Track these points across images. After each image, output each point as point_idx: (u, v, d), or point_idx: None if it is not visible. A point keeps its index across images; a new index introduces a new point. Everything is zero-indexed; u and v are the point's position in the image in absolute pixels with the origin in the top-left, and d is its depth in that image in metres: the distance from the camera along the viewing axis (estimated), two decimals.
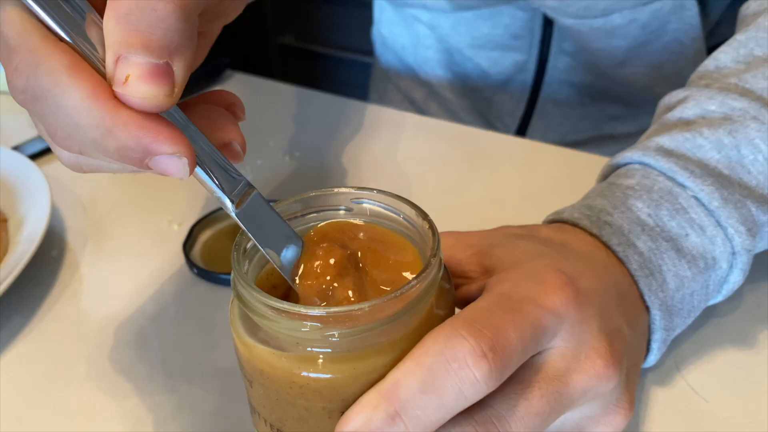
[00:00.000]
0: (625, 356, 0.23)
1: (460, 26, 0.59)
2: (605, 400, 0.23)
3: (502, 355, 0.19)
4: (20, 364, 0.32)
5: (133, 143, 0.18)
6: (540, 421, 0.21)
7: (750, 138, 0.29)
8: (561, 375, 0.21)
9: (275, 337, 0.20)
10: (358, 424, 0.19)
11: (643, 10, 0.48)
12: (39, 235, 0.37)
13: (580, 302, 0.22)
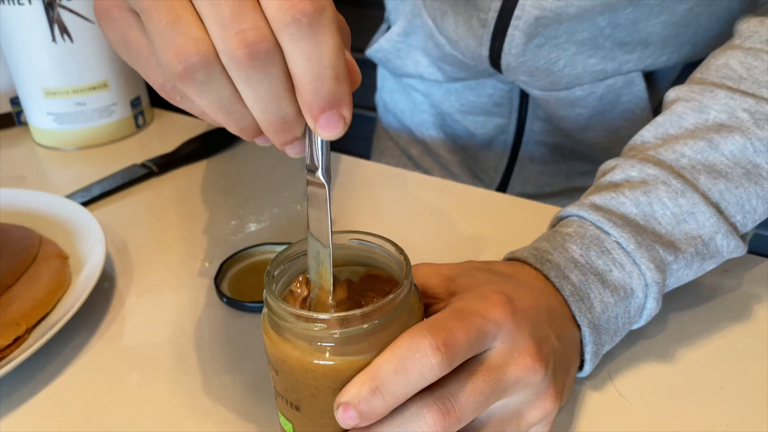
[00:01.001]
0: (551, 357, 0.31)
1: (450, 95, 0.68)
2: (536, 389, 0.31)
3: (452, 349, 0.27)
4: (82, 377, 0.40)
5: (342, 93, 0.24)
6: (483, 399, 0.28)
7: (660, 198, 0.38)
8: (499, 366, 0.29)
9: (294, 335, 0.28)
10: (351, 395, 0.27)
11: (599, 84, 0.57)
12: (97, 271, 0.45)
13: (515, 316, 0.30)
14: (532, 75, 0.56)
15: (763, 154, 0.39)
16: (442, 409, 0.28)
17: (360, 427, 0.28)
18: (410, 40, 0.65)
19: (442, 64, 0.64)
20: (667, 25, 0.53)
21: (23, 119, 0.75)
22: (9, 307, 0.42)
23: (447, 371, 0.27)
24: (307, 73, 0.23)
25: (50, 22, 0.63)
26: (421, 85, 0.70)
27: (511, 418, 0.31)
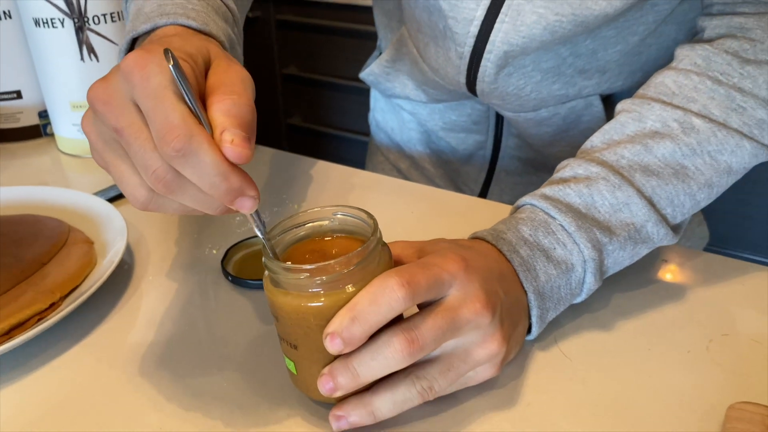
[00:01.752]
0: (498, 307, 0.38)
1: (434, 114, 0.76)
2: (483, 332, 0.37)
3: (414, 287, 0.34)
4: (107, 337, 0.47)
5: (237, 185, 0.32)
6: (440, 333, 0.35)
7: (600, 190, 0.45)
8: (454, 308, 0.36)
9: (287, 285, 0.35)
10: (335, 326, 0.34)
11: (562, 106, 0.64)
12: (120, 252, 0.52)
13: (468, 270, 0.37)
14: (504, 99, 0.63)
15: (689, 157, 0.46)
16: (408, 338, 0.35)
17: (344, 353, 0.34)
18: (397, 65, 0.73)
19: (426, 88, 0.72)
20: (622, 54, 0.61)
21: (49, 131, 0.83)
22: (45, 280, 0.49)
23: (410, 305, 0.34)
24: (205, 185, 0.32)
25: (79, 44, 0.71)
26: (409, 106, 0.78)
27: (461, 355, 0.37)
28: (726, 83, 0.47)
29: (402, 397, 0.37)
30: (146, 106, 0.32)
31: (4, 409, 0.41)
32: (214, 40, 0.42)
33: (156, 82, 0.32)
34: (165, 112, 0.31)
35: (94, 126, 0.35)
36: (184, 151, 0.31)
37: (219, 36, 0.42)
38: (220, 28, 0.44)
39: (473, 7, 0.56)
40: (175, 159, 0.31)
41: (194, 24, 0.41)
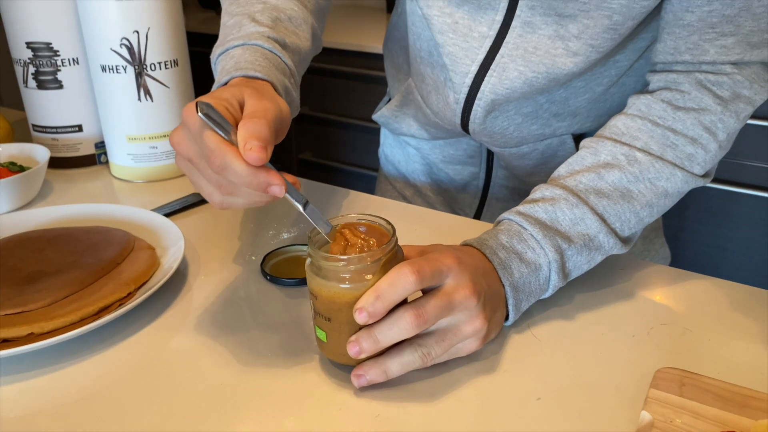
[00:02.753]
0: (482, 294, 0.50)
1: (436, 149, 0.89)
2: (470, 312, 0.49)
3: (422, 274, 0.46)
4: (171, 322, 0.59)
5: (264, 179, 0.45)
6: (439, 311, 0.47)
7: (562, 208, 0.57)
8: (450, 293, 0.48)
9: (327, 271, 0.47)
10: (363, 302, 0.46)
11: (540, 143, 0.77)
12: (180, 254, 0.64)
13: (460, 265, 0.49)
14: (491, 137, 0.76)
15: (633, 183, 0.59)
16: (416, 313, 0.47)
17: (369, 324, 0.47)
18: (404, 110, 0.86)
19: (428, 128, 0.85)
20: (590, 102, 0.74)
21: (103, 159, 0.96)
22: (121, 275, 0.61)
23: (419, 288, 0.46)
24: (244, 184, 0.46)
25: (138, 87, 0.85)
26: (414, 142, 0.91)
27: (452, 329, 0.49)
28: (662, 125, 0.60)
29: (407, 359, 0.48)
30: (198, 141, 0.47)
31: (90, 375, 0.53)
32: (269, 84, 0.57)
33: (197, 126, 0.47)
34: (206, 144, 0.46)
35: (178, 157, 0.51)
36: (222, 167, 0.46)
37: (275, 83, 0.57)
38: (277, 79, 0.59)
39: (469, 63, 0.69)
40: (220, 173, 0.46)
41: (258, 74, 0.56)
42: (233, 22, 0.65)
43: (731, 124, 0.60)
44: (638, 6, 0.59)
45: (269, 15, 0.65)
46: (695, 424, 0.44)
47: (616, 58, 0.70)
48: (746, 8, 0.56)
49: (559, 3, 0.61)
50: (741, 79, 0.59)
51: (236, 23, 0.65)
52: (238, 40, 0.62)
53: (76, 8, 0.87)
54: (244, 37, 0.62)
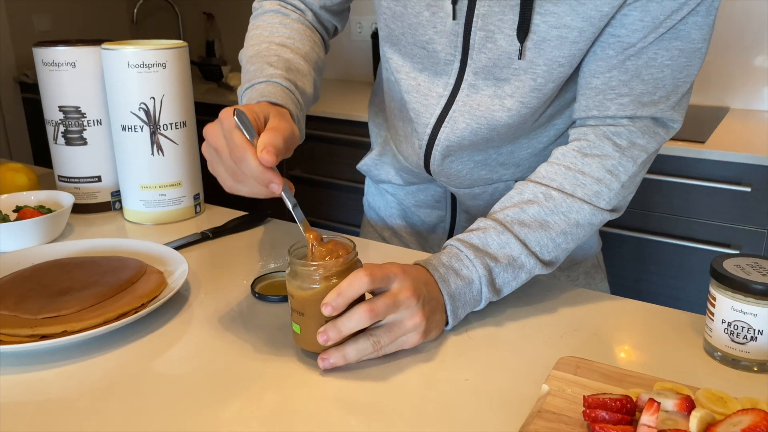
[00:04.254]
0: (422, 297, 0.63)
1: (409, 195, 1.04)
2: (412, 310, 0.63)
3: (373, 277, 0.60)
4: (175, 329, 0.72)
5: (268, 177, 0.61)
6: (387, 307, 0.61)
7: (491, 235, 0.72)
8: (395, 294, 0.62)
9: (301, 275, 0.61)
10: (328, 299, 0.59)
11: (489, 187, 0.92)
12: (184, 276, 0.78)
13: (405, 273, 0.63)
14: (448, 177, 0.91)
15: (549, 215, 0.73)
16: (369, 308, 0.61)
17: (332, 317, 0.60)
18: (383, 158, 1.02)
19: (402, 173, 1.00)
20: (531, 155, 0.89)
21: (117, 206, 1.11)
22: (136, 291, 0.75)
23: (371, 287, 0.61)
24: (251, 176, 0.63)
25: (152, 143, 1.00)
26: (391, 189, 1.06)
27: (397, 323, 0.63)
28: (573, 169, 0.75)
29: (362, 345, 0.62)
30: (228, 136, 0.63)
31: (113, 364, 0.66)
32: (288, 111, 0.74)
33: (230, 125, 0.63)
34: (233, 140, 0.62)
35: (206, 145, 0.66)
36: (240, 159, 0.62)
37: (291, 111, 0.75)
38: (293, 109, 0.76)
39: (428, 116, 0.85)
40: (237, 164, 0.62)
41: (279, 102, 0.74)
42: (255, 68, 0.82)
43: (629, 168, 0.75)
44: (556, 72, 0.75)
45: (284, 64, 0.83)
46: (581, 393, 0.57)
47: (555, 122, 0.86)
48: (636, 75, 0.73)
49: (496, 70, 0.78)
50: (635, 130, 0.75)
51: (258, 68, 0.82)
52: (262, 78, 0.79)
53: (103, 78, 1.04)
54: (266, 76, 0.79)
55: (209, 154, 0.67)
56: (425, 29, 0.78)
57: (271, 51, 0.84)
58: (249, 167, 0.61)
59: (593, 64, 0.75)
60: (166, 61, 0.98)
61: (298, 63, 0.84)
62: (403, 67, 0.85)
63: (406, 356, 0.66)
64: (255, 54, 0.85)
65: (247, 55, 0.87)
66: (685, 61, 0.72)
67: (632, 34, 0.71)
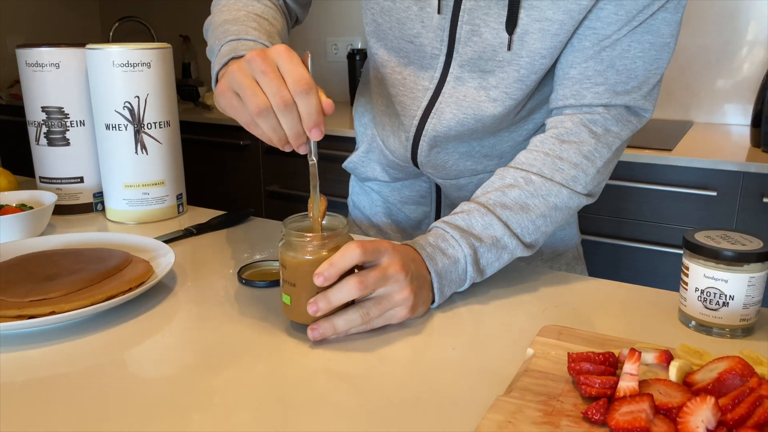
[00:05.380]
0: (410, 272, 0.65)
1: (394, 191, 1.06)
2: (400, 284, 0.64)
3: (364, 249, 0.62)
4: (164, 311, 0.73)
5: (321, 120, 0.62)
6: (376, 280, 0.63)
7: (475, 217, 0.74)
8: (385, 267, 0.64)
9: (295, 245, 0.63)
10: (320, 269, 0.61)
11: (474, 177, 0.94)
12: (171, 261, 0.79)
13: (394, 249, 0.65)
14: (435, 169, 0.93)
15: (530, 198, 0.76)
16: (359, 279, 0.62)
17: (323, 287, 0.61)
18: (370, 155, 1.04)
19: (388, 169, 1.01)
20: (512, 147, 0.92)
21: (99, 207, 1.11)
22: (124, 277, 0.75)
23: (362, 258, 0.62)
24: (305, 112, 0.62)
25: (135, 142, 1.01)
26: (376, 187, 1.08)
27: (386, 296, 0.65)
28: (551, 155, 0.78)
29: (351, 316, 0.63)
30: (290, 66, 0.61)
31: (103, 342, 0.66)
32: None
33: (296, 58, 0.62)
34: (302, 71, 0.61)
35: (243, 67, 0.63)
36: (307, 92, 0.60)
37: None
38: None
39: (415, 109, 0.87)
40: (300, 93, 0.60)
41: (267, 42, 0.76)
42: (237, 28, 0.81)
43: (605, 153, 0.78)
44: (538, 63, 0.78)
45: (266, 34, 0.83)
46: (564, 355, 0.59)
47: (534, 117, 0.89)
48: (611, 66, 0.77)
49: (481, 62, 0.81)
50: (609, 117, 0.78)
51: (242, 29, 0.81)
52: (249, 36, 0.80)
53: (86, 78, 1.05)
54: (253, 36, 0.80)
55: (243, 73, 0.62)
56: (413, 23, 0.82)
57: (250, 18, 0.85)
58: (310, 102, 0.60)
59: (570, 56, 0.78)
60: (151, 61, 1.00)
61: (275, 39, 0.86)
62: (389, 62, 0.88)
63: (393, 330, 0.67)
64: (233, 18, 0.85)
65: (221, 19, 0.86)
66: (655, 54, 0.76)
67: (607, 27, 0.75)
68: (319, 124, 0.62)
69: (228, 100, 0.66)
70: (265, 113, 0.62)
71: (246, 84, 0.62)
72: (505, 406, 0.51)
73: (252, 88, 0.62)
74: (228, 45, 0.79)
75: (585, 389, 0.51)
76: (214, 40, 0.82)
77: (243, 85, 0.62)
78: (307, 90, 0.60)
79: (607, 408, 0.48)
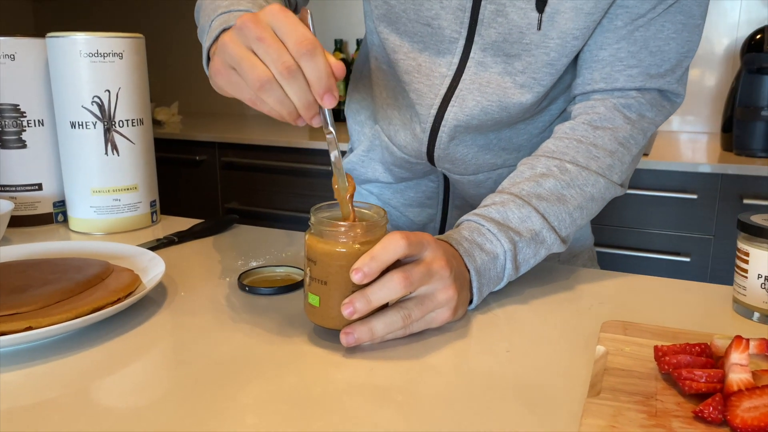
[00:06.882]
0: (453, 269, 0.57)
1: (397, 193, 0.98)
2: (444, 282, 0.57)
3: (409, 240, 0.54)
4: (159, 323, 0.62)
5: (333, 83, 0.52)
6: (421, 276, 0.54)
7: (511, 209, 0.67)
8: (429, 263, 0.56)
9: (328, 236, 0.54)
10: (360, 263, 0.52)
11: (493, 173, 0.87)
12: (161, 274, 0.69)
13: (437, 242, 0.57)
14: (453, 163, 0.86)
15: (566, 188, 0.70)
16: (404, 275, 0.54)
17: (362, 283, 0.53)
18: (371, 154, 0.95)
19: (393, 168, 0.93)
20: (529, 139, 0.86)
21: (60, 219, 0.99)
22: (109, 287, 0.65)
23: (406, 252, 0.54)
24: (313, 77, 0.52)
25: (106, 142, 0.91)
26: (376, 189, 0.99)
27: (429, 296, 0.57)
28: (585, 142, 0.72)
29: (391, 319, 0.55)
30: (288, 28, 0.51)
31: (92, 359, 0.55)
32: None
33: (294, 17, 0.52)
34: (303, 30, 0.51)
35: (235, 36, 0.54)
36: (312, 53, 0.51)
37: None
38: None
39: (432, 97, 0.80)
40: (303, 56, 0.51)
41: None
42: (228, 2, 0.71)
43: (640, 140, 0.73)
44: (570, 45, 0.73)
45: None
46: (640, 350, 0.52)
47: (551, 107, 0.84)
48: (645, 47, 0.72)
49: (506, 45, 0.74)
50: (644, 102, 0.73)
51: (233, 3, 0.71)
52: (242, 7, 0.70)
53: (46, 72, 0.94)
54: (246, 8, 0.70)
55: (237, 43, 0.54)
56: (431, 4, 0.75)
57: None
58: (317, 64, 0.51)
59: (600, 36, 0.73)
60: (123, 51, 0.89)
61: None
62: (401, 48, 0.80)
63: (433, 335, 0.59)
64: None
65: None
66: (687, 35, 0.72)
67: (641, 5, 0.70)
68: (331, 89, 0.53)
69: (226, 78, 0.56)
70: (267, 86, 0.53)
71: (241, 56, 0.53)
72: (601, 409, 0.44)
73: (249, 59, 0.53)
74: (219, 19, 0.69)
75: (689, 385, 0.44)
76: (204, 18, 0.73)
77: (238, 58, 0.54)
78: (312, 50, 0.51)
79: (724, 405, 0.42)
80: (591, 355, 0.54)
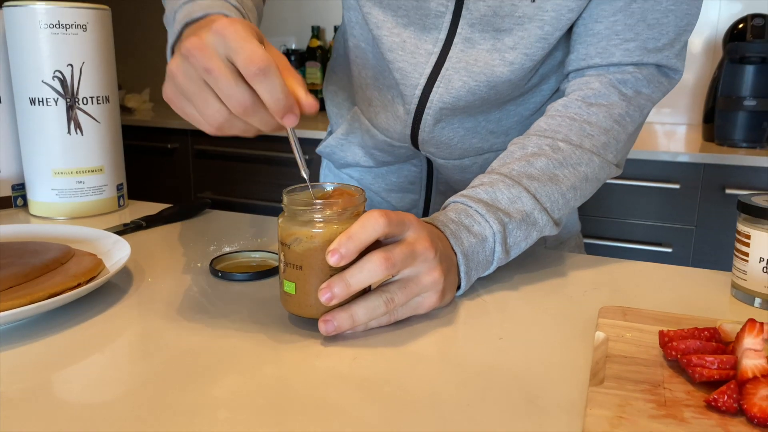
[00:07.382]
0: (438, 249, 0.54)
1: (378, 178, 0.94)
2: (429, 264, 0.53)
3: (389, 218, 0.50)
4: (115, 322, 0.58)
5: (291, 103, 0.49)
6: (404, 257, 0.50)
7: (500, 189, 0.63)
8: (412, 243, 0.52)
9: (301, 217, 0.49)
10: (336, 244, 0.48)
11: (479, 157, 0.83)
12: (125, 258, 0.64)
13: (419, 223, 0.53)
14: (437, 147, 0.82)
15: (558, 168, 0.66)
16: (384, 256, 0.50)
17: (340, 266, 0.49)
18: (350, 138, 0.91)
19: (374, 152, 0.89)
20: (518, 122, 0.82)
21: (19, 203, 0.93)
22: (69, 271, 0.60)
23: (386, 231, 0.50)
24: (270, 100, 0.49)
25: (68, 120, 0.85)
26: (356, 174, 0.95)
27: (413, 278, 0.53)
28: (578, 119, 0.69)
29: (373, 304, 0.51)
30: (236, 45, 0.47)
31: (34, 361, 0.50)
32: None
33: (244, 32, 0.48)
34: (252, 47, 0.47)
35: (182, 67, 0.50)
36: (265, 72, 0.47)
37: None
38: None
39: (417, 76, 0.76)
40: (256, 77, 0.47)
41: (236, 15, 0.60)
42: None
43: (636, 118, 0.70)
44: (565, 18, 0.69)
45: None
46: (642, 337, 0.49)
47: (542, 87, 0.80)
48: (642, 19, 0.68)
49: (496, 20, 0.71)
50: (641, 77, 0.70)
51: None
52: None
53: (3, 45, 0.88)
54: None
55: (184, 76, 0.50)
56: None
57: None
58: (272, 86, 0.47)
59: (595, 9, 0.69)
60: (87, 23, 0.84)
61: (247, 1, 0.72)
62: (384, 23, 0.76)
63: (419, 321, 0.55)
64: None
65: None
66: (686, 8, 0.69)
67: None
68: (290, 109, 0.50)
69: (180, 108, 0.53)
70: (226, 124, 0.51)
71: (192, 91, 0.50)
72: (606, 398, 0.40)
73: (201, 95, 0.50)
74: (182, 10, 0.63)
75: (699, 372, 0.41)
76: (169, 5, 0.68)
77: (190, 93, 0.51)
78: (264, 69, 0.47)
79: (739, 393, 0.38)
80: (589, 341, 0.51)
